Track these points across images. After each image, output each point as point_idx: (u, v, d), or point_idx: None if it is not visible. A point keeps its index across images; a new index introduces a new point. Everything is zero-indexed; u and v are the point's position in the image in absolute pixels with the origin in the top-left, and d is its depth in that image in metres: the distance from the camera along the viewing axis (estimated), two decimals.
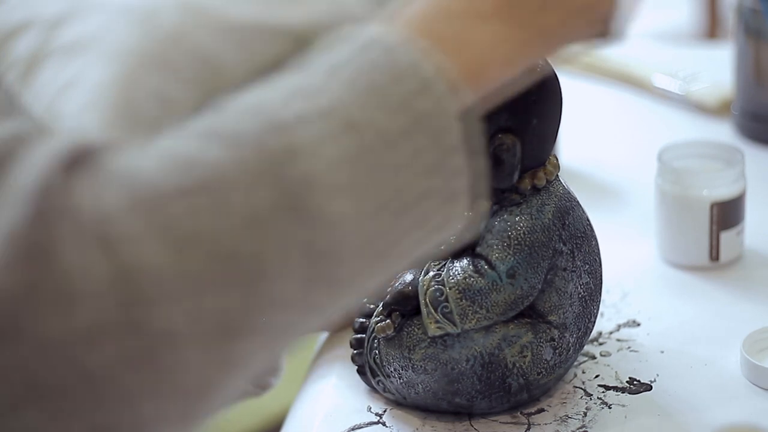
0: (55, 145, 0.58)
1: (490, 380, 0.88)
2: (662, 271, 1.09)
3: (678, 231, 1.08)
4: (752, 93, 1.30)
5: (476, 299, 0.87)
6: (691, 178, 1.07)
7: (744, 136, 1.31)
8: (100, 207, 0.56)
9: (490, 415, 0.90)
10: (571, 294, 0.89)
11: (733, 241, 1.08)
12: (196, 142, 0.60)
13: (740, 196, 1.07)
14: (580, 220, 0.90)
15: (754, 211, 1.11)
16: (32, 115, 0.63)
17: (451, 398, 0.89)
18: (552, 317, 0.89)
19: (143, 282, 0.55)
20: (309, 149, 0.60)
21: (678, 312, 1.02)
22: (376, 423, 0.91)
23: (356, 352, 0.93)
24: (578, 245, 0.89)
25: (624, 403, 0.91)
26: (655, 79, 1.45)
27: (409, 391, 0.90)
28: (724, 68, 1.40)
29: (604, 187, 1.25)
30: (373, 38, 0.65)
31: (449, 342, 0.88)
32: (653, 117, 1.41)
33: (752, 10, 1.26)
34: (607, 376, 0.94)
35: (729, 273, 1.08)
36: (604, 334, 0.99)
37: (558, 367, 0.90)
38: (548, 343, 0.89)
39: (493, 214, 0.88)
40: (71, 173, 0.57)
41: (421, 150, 0.63)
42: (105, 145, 0.59)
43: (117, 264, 0.55)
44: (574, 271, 0.89)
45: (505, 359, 0.88)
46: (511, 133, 0.86)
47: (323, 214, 0.59)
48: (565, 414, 0.90)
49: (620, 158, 1.32)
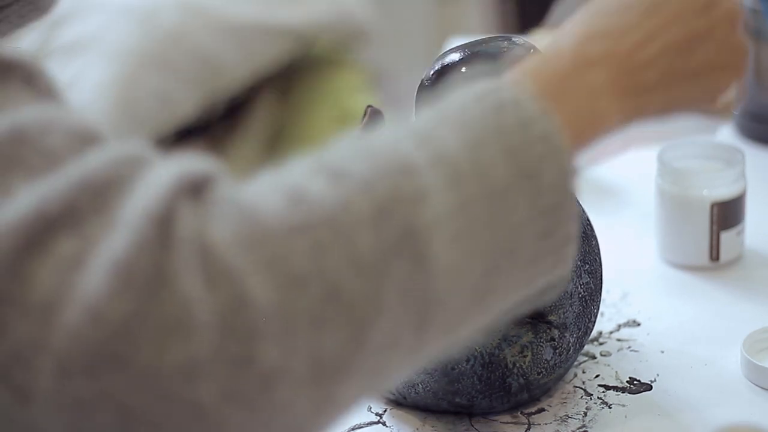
0: (171, 172, 0.57)
1: (490, 380, 0.88)
2: (662, 271, 1.09)
3: (678, 231, 1.08)
4: (752, 93, 1.30)
5: None
6: (691, 178, 1.07)
7: (744, 136, 1.31)
8: (215, 238, 0.55)
9: (490, 415, 0.90)
10: (571, 294, 0.89)
11: (733, 241, 1.08)
12: (311, 179, 0.58)
13: (740, 196, 1.07)
14: (580, 220, 0.90)
15: (754, 211, 1.11)
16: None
17: (451, 398, 0.89)
18: (552, 317, 0.89)
19: (252, 318, 0.54)
20: (427, 195, 0.59)
21: (678, 312, 1.02)
22: (376, 423, 0.91)
23: None
24: (578, 245, 0.89)
25: (624, 403, 0.91)
26: None
27: (409, 391, 0.90)
28: None
29: (604, 187, 1.25)
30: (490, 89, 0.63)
31: None
32: None
33: (752, 10, 1.26)
34: (607, 376, 0.94)
35: (729, 273, 1.08)
36: (604, 334, 0.99)
37: (558, 367, 0.90)
38: (548, 342, 0.89)
39: None
40: (187, 202, 0.56)
41: (544, 213, 0.62)
42: (217, 175, 0.58)
43: (227, 298, 0.54)
44: (574, 271, 0.89)
45: (505, 359, 0.88)
46: None
47: (435, 262, 0.58)
48: (565, 414, 0.90)
49: (620, 158, 1.31)
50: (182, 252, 0.55)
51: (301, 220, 0.56)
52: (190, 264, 0.54)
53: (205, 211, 0.56)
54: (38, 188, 0.55)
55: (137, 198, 0.56)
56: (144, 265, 0.54)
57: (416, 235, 0.58)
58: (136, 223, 0.55)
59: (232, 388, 0.54)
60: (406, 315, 0.58)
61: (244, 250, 0.55)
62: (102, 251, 0.54)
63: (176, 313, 0.54)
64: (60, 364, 0.54)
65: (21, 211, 0.55)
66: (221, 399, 0.54)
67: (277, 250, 0.56)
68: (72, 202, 0.55)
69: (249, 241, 0.55)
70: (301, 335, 0.55)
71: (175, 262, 0.54)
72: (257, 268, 0.55)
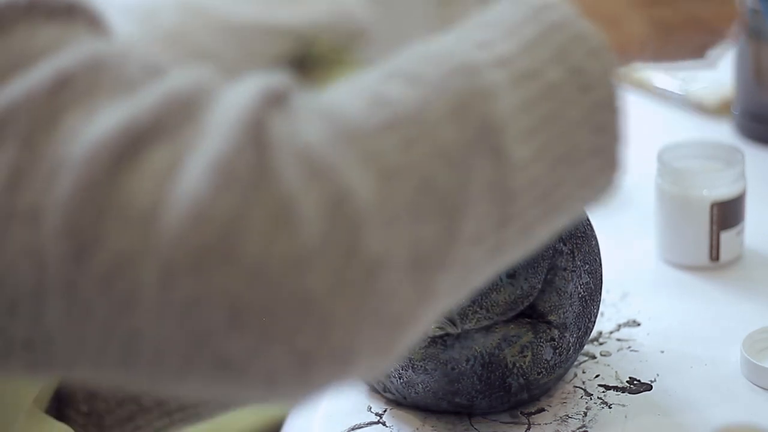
0: (253, 84, 0.59)
1: (490, 380, 0.88)
2: (662, 271, 1.09)
3: (678, 231, 1.08)
4: (752, 93, 1.30)
5: (476, 299, 0.87)
6: (691, 178, 1.07)
7: (744, 136, 1.31)
8: (308, 138, 0.57)
9: (490, 414, 0.90)
10: (571, 294, 0.89)
11: (733, 241, 1.08)
12: (387, 84, 0.61)
13: (740, 196, 1.07)
14: (580, 220, 0.90)
15: (754, 211, 1.11)
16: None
17: (451, 398, 0.89)
18: (552, 317, 0.89)
19: (355, 209, 0.56)
20: (496, 93, 0.61)
21: (678, 312, 1.02)
22: (376, 423, 0.91)
23: None
24: (578, 245, 0.89)
25: (624, 403, 0.91)
26: (655, 79, 1.45)
27: (409, 391, 0.90)
28: (724, 68, 1.40)
29: None
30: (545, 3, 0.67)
31: (449, 342, 0.88)
32: (653, 117, 1.41)
33: (752, 10, 1.26)
34: (607, 376, 0.94)
35: (729, 273, 1.08)
36: (604, 334, 0.99)
37: (558, 367, 0.90)
38: (548, 343, 0.89)
39: None
40: (274, 109, 0.58)
41: (595, 107, 0.65)
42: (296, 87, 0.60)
43: (329, 191, 0.56)
44: (574, 270, 0.89)
45: (505, 359, 0.88)
46: None
47: (511, 156, 0.61)
48: (565, 414, 0.90)
49: None
50: (279, 150, 0.56)
51: (386, 119, 0.59)
52: (289, 160, 0.56)
53: (294, 116, 0.58)
54: (124, 106, 0.57)
55: (225, 107, 0.57)
56: (243, 162, 0.55)
57: (492, 130, 0.61)
58: (228, 128, 0.56)
59: (339, 278, 0.55)
60: (490, 208, 0.60)
61: (339, 147, 0.57)
62: (197, 156, 0.55)
63: (280, 207, 0.55)
64: (166, 267, 0.55)
65: (111, 126, 0.56)
66: (329, 289, 0.55)
67: (369, 146, 0.58)
68: (160, 116, 0.56)
69: (342, 139, 0.57)
70: (401, 225, 0.57)
71: (273, 159, 0.56)
72: (353, 162, 0.57)
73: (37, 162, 0.56)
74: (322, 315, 0.55)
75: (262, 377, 0.57)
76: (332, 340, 0.56)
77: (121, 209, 0.55)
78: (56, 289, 0.56)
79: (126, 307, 0.55)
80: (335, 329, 0.56)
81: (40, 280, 0.56)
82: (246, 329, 0.55)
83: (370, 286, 0.56)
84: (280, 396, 0.59)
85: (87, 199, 0.55)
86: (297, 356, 0.56)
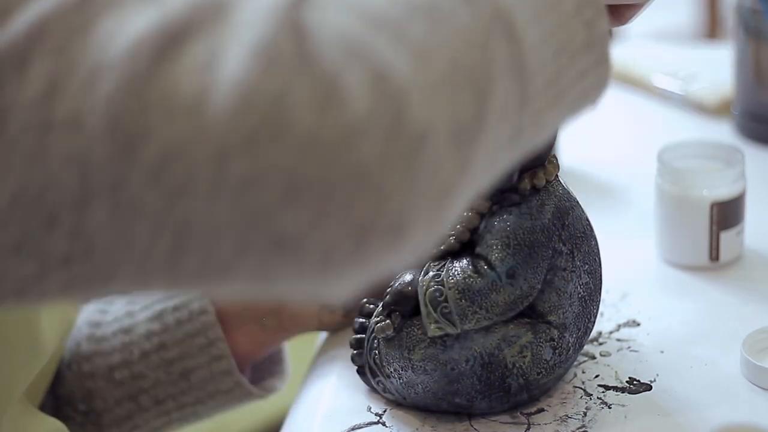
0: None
1: (489, 380, 0.88)
2: (662, 271, 1.09)
3: (678, 231, 1.08)
4: (752, 93, 1.30)
5: (476, 299, 0.87)
6: (691, 178, 1.07)
7: (744, 136, 1.31)
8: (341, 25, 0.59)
9: (490, 415, 0.90)
10: (570, 294, 0.89)
11: (733, 241, 1.08)
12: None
13: (740, 196, 1.07)
14: (580, 220, 0.90)
15: (754, 211, 1.11)
16: None
17: (450, 398, 0.89)
18: (552, 317, 0.89)
19: (397, 84, 0.58)
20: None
21: (678, 312, 1.02)
22: (376, 423, 0.91)
23: (356, 352, 0.93)
24: (578, 245, 0.89)
25: (624, 403, 0.91)
26: (655, 79, 1.45)
27: (409, 392, 0.90)
28: (724, 68, 1.40)
29: (604, 187, 1.25)
30: None
31: (449, 342, 0.88)
32: (653, 117, 1.41)
33: (752, 10, 1.26)
34: (607, 376, 0.94)
35: (729, 273, 1.08)
36: (604, 334, 0.99)
37: (558, 367, 0.90)
38: (548, 343, 0.89)
39: (492, 214, 0.88)
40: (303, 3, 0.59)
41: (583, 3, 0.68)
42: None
43: (371, 68, 0.57)
44: (574, 271, 0.89)
45: (504, 359, 0.88)
46: None
47: (522, 39, 0.64)
48: (565, 414, 0.90)
49: (620, 158, 1.32)
50: (317, 34, 0.58)
51: (406, 8, 0.61)
52: (327, 42, 0.57)
53: (322, 9, 0.59)
54: (156, 9, 0.58)
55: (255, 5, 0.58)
56: (283, 45, 0.57)
57: (504, 15, 0.63)
58: (264, 19, 0.57)
59: (389, 149, 0.57)
60: (512, 85, 0.63)
61: (371, 31, 0.59)
62: (236, 44, 0.57)
63: (326, 83, 0.57)
64: (219, 150, 0.56)
65: (146, 26, 0.57)
66: (380, 159, 0.57)
67: (398, 31, 0.60)
68: (193, 14, 0.57)
69: (372, 26, 0.59)
70: (439, 99, 0.59)
71: (312, 41, 0.57)
72: (387, 44, 0.59)
73: (74, 69, 0.57)
74: (375, 185, 0.57)
75: (318, 253, 0.58)
76: (386, 209, 0.58)
77: (167, 101, 0.56)
78: (102, 191, 0.57)
79: (178, 197, 0.56)
80: (388, 199, 0.58)
81: (84, 185, 0.57)
82: (301, 204, 0.57)
83: (418, 156, 0.58)
84: (335, 276, 0.59)
85: (130, 96, 0.56)
86: (353, 228, 0.57)
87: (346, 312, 1.01)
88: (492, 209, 0.88)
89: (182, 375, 1.00)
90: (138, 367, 1.00)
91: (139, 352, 1.00)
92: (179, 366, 1.00)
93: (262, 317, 1.00)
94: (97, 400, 1.00)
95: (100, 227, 0.57)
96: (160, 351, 1.00)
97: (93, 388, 1.00)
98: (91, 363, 1.00)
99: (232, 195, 0.56)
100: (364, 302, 0.94)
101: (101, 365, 1.00)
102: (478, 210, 0.88)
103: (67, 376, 1.01)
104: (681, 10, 2.96)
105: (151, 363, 1.00)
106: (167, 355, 0.99)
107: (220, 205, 0.57)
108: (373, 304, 0.94)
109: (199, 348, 0.99)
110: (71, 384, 1.01)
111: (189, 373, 1.00)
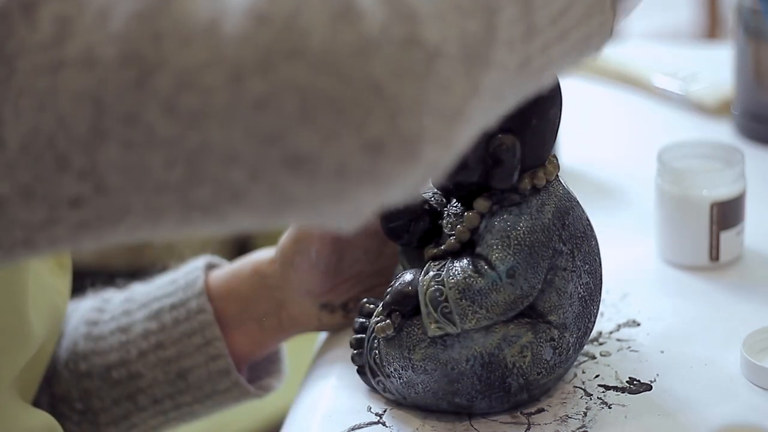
0: None
1: (490, 380, 0.88)
2: (662, 271, 1.09)
3: (678, 231, 1.08)
4: (752, 93, 1.30)
5: (476, 299, 0.87)
6: (691, 178, 1.07)
7: (744, 136, 1.31)
8: None
9: (490, 415, 0.90)
10: (571, 294, 0.89)
11: (733, 241, 1.08)
12: None
13: (740, 196, 1.07)
14: (580, 220, 0.90)
15: (754, 211, 1.11)
16: None
17: (451, 398, 0.89)
18: (552, 317, 0.89)
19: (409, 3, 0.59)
20: None
21: (678, 312, 1.02)
22: (376, 423, 0.91)
23: (356, 352, 0.93)
24: (578, 245, 0.89)
25: (624, 403, 0.91)
26: (655, 79, 1.45)
27: (409, 391, 0.90)
28: (724, 68, 1.40)
29: (604, 187, 1.25)
30: None
31: (449, 342, 0.88)
32: (653, 117, 1.41)
33: (752, 10, 1.26)
34: (607, 376, 0.94)
35: (729, 273, 1.08)
36: (604, 334, 0.99)
37: (558, 367, 0.90)
38: (548, 343, 0.89)
39: (493, 214, 0.88)
40: None
41: None
42: None
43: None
44: (574, 271, 0.89)
45: (505, 359, 0.88)
46: (510, 133, 0.86)
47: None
48: (565, 414, 0.90)
49: (620, 158, 1.32)
50: None
51: None
52: None
53: None
54: None
55: None
56: None
57: None
58: None
59: (402, 65, 0.58)
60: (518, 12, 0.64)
61: None
62: None
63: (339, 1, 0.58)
64: (234, 71, 0.56)
65: None
66: (394, 75, 0.58)
67: None
68: None
69: None
70: (450, 19, 0.60)
71: None
72: None
73: (83, 8, 0.57)
74: (388, 101, 0.58)
75: (332, 171, 0.59)
76: (399, 126, 0.58)
77: (180, 29, 0.57)
78: (115, 126, 0.57)
79: (192, 124, 0.57)
80: (402, 116, 0.58)
81: (96, 122, 0.57)
82: (317, 120, 0.57)
83: (430, 73, 0.59)
84: (348, 196, 0.60)
85: (143, 27, 0.57)
86: (367, 144, 0.58)
87: (345, 312, 1.00)
88: (492, 209, 0.88)
89: (180, 374, 0.99)
90: (135, 366, 0.99)
91: (137, 351, 0.99)
92: (177, 365, 0.99)
93: (262, 317, 1.00)
94: (94, 399, 1.00)
95: (112, 164, 0.58)
96: (157, 350, 0.99)
97: (90, 387, 1.00)
98: (88, 362, 1.00)
99: (246, 118, 0.57)
100: (364, 302, 0.94)
101: (98, 364, 1.00)
102: (478, 210, 0.88)
103: (63, 375, 1.00)
104: (681, 10, 2.97)
105: (148, 362, 0.99)
106: (165, 354, 0.99)
107: (234, 130, 0.57)
108: (373, 304, 0.94)
109: (197, 347, 0.99)
110: (68, 383, 1.00)
111: (186, 373, 0.99)
